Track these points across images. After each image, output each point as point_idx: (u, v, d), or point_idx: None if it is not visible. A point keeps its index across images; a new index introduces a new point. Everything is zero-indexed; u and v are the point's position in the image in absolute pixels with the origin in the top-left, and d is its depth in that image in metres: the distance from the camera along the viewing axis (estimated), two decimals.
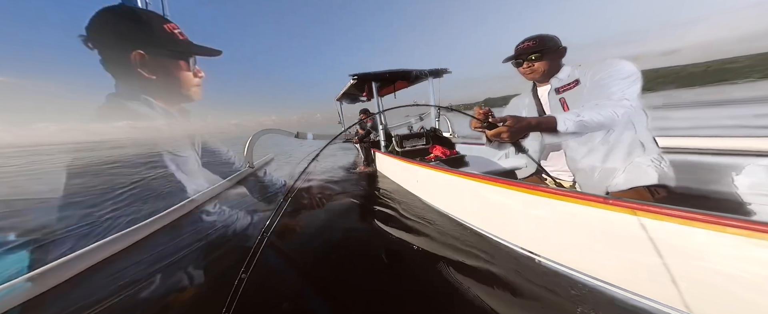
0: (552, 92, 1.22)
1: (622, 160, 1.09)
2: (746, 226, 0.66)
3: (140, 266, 1.44)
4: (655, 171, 1.04)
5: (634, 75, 1.03)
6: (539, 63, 1.18)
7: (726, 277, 0.70)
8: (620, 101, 0.99)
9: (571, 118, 0.97)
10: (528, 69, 1.22)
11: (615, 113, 0.97)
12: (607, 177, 1.10)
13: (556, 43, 1.17)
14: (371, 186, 3.22)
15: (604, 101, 1.01)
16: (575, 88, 1.14)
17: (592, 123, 0.96)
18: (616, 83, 1.02)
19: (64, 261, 1.25)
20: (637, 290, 0.90)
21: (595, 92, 1.07)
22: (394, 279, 1.34)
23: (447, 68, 3.78)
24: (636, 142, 1.09)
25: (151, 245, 1.54)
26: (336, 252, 1.71)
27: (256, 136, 3.16)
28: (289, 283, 1.40)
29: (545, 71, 1.20)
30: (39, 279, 1.16)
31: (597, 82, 1.08)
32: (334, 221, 2.20)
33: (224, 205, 1.87)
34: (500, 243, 1.41)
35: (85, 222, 1.33)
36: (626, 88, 1.00)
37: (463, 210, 1.75)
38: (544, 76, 1.22)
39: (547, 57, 1.18)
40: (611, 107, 0.98)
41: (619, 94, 1.00)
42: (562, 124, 0.96)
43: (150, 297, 1.27)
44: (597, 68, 1.10)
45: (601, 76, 1.07)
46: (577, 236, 1.04)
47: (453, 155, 3.18)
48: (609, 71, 1.06)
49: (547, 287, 1.10)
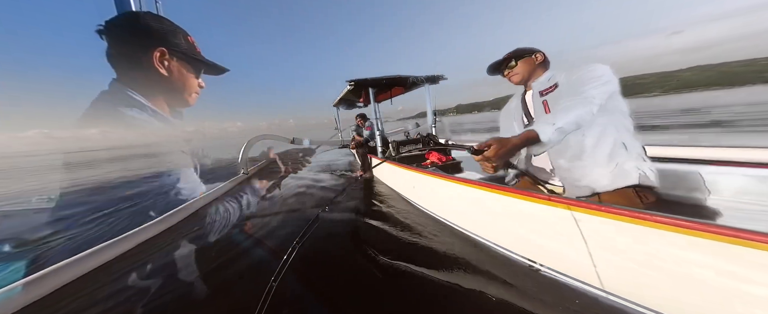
0: (535, 95, 1.32)
1: (606, 162, 1.11)
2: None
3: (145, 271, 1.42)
4: (636, 172, 1.07)
5: (604, 76, 1.10)
6: (517, 68, 1.37)
7: (737, 292, 0.69)
8: (586, 99, 1.05)
9: (549, 128, 1.01)
10: (510, 74, 1.40)
11: (584, 111, 1.04)
12: (593, 180, 1.13)
13: (532, 50, 1.35)
14: (368, 192, 3.20)
15: (572, 100, 1.08)
16: (555, 90, 1.23)
17: (568, 125, 1.03)
18: (586, 83, 1.10)
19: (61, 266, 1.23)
20: (635, 299, 0.89)
21: (568, 93, 1.15)
22: (390, 287, 1.32)
23: (443, 75, 3.82)
24: (618, 143, 1.12)
25: (149, 251, 1.52)
26: (331, 260, 1.69)
27: (251, 142, 3.14)
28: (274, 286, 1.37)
29: (525, 74, 1.36)
30: (35, 284, 1.14)
31: (571, 84, 1.16)
32: (330, 228, 2.18)
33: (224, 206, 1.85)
34: (498, 250, 1.40)
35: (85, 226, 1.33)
36: (594, 88, 1.07)
37: (459, 216, 1.74)
38: (524, 79, 1.37)
39: (523, 61, 1.35)
40: (580, 105, 1.05)
41: (586, 94, 1.07)
42: (543, 135, 1.00)
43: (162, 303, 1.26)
44: (572, 72, 1.20)
45: (575, 78, 1.16)
46: (574, 242, 1.03)
47: (449, 161, 3.19)
48: (580, 73, 1.15)
49: (545, 294, 1.09)
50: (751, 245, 0.65)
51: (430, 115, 4.00)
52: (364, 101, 5.23)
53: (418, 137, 3.67)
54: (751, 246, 0.65)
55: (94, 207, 1.39)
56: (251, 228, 2.13)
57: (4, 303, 1.14)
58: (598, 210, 0.92)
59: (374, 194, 3.06)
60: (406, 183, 2.55)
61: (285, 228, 2.20)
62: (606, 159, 1.11)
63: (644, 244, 0.82)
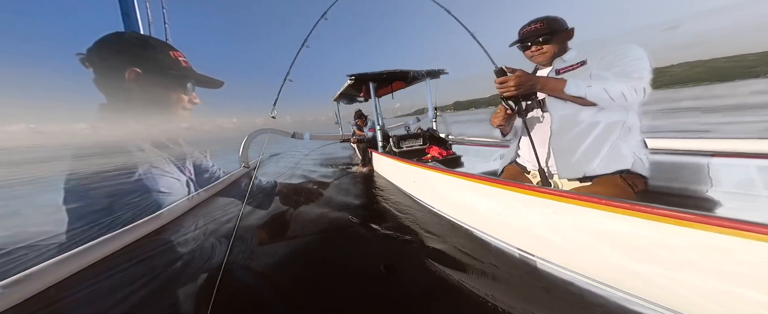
0: (552, 73, 1.19)
1: (607, 143, 1.07)
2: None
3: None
4: (632, 157, 1.04)
5: (644, 57, 1.01)
6: (548, 45, 1.15)
7: (734, 284, 0.69)
8: (638, 81, 0.96)
9: (581, 85, 0.96)
10: (537, 52, 1.18)
11: (629, 92, 0.95)
12: (586, 161, 1.08)
13: (564, 25, 1.15)
14: (368, 187, 3.21)
15: (619, 78, 0.99)
16: (580, 68, 1.11)
17: (602, 95, 0.95)
18: (628, 63, 1.00)
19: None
20: (636, 293, 0.89)
21: (608, 70, 1.04)
22: (389, 282, 1.33)
23: (444, 69, 3.79)
24: (626, 126, 1.07)
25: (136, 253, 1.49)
26: (328, 252, 1.70)
27: (252, 136, 3.13)
28: (277, 287, 1.38)
29: (554, 53, 1.17)
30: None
31: (608, 61, 1.05)
32: (329, 222, 2.18)
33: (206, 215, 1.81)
34: (498, 244, 1.40)
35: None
36: (640, 68, 0.99)
37: (459, 210, 1.75)
38: (551, 58, 1.19)
39: (556, 39, 1.15)
40: (626, 85, 0.95)
41: (638, 74, 0.97)
42: (572, 87, 0.96)
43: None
44: (606, 50, 1.09)
45: (612, 56, 1.04)
46: (574, 237, 1.03)
47: (449, 156, 3.18)
48: (618, 52, 1.04)
49: (544, 288, 1.09)
50: (750, 237, 0.64)
51: (431, 109, 3.98)
52: (365, 96, 5.21)
53: (418, 132, 3.66)
54: (750, 237, 0.64)
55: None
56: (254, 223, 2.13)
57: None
58: (592, 202, 0.91)
59: (374, 188, 3.06)
60: (406, 178, 2.55)
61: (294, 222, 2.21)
62: (608, 141, 1.07)
63: (639, 236, 0.82)
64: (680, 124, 7.04)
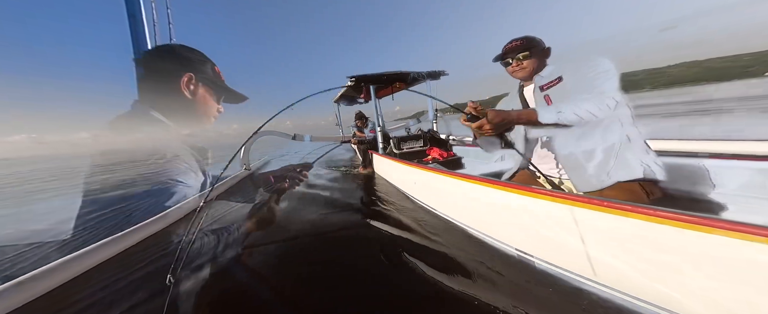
0: (537, 90, 1.26)
1: (611, 156, 1.10)
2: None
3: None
4: (640, 166, 1.06)
5: (610, 70, 1.07)
6: (528, 61, 1.24)
7: (738, 286, 0.69)
8: (601, 96, 1.01)
9: (552, 111, 0.99)
10: (517, 67, 1.27)
11: (596, 107, 1.00)
12: (600, 174, 1.11)
13: (542, 44, 1.24)
14: (368, 188, 3.21)
15: (585, 96, 1.04)
16: (559, 84, 1.18)
17: (572, 117, 0.99)
18: (596, 78, 1.06)
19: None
20: (637, 294, 0.89)
21: (577, 87, 1.11)
22: (389, 283, 1.33)
23: (444, 70, 3.80)
24: (623, 136, 1.10)
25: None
26: (329, 253, 1.70)
27: (253, 139, 3.13)
28: (277, 288, 1.38)
29: (533, 69, 1.25)
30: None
31: (579, 78, 1.12)
32: (328, 223, 2.19)
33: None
34: (498, 245, 1.40)
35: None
36: (603, 82, 1.05)
37: (459, 212, 1.75)
38: (531, 74, 1.27)
39: (535, 56, 1.24)
40: (593, 100, 1.00)
41: (600, 89, 1.03)
42: (542, 117, 0.99)
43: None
44: (577, 65, 1.15)
45: (581, 73, 1.11)
46: (574, 238, 1.03)
47: (450, 157, 3.18)
48: (586, 68, 1.10)
49: (544, 289, 1.09)
50: (754, 239, 0.64)
51: (431, 111, 3.99)
52: (365, 97, 5.22)
53: (419, 133, 3.67)
54: (754, 240, 0.64)
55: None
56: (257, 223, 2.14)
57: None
58: (599, 205, 0.91)
59: (374, 189, 3.06)
60: (406, 179, 2.56)
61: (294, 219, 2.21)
62: (612, 153, 1.09)
63: (646, 239, 0.82)
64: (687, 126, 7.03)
